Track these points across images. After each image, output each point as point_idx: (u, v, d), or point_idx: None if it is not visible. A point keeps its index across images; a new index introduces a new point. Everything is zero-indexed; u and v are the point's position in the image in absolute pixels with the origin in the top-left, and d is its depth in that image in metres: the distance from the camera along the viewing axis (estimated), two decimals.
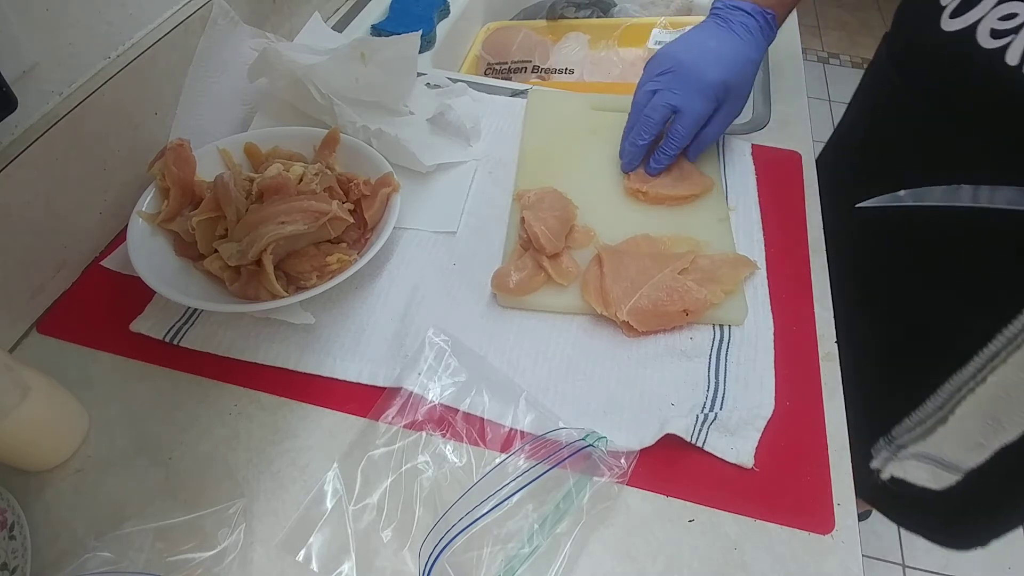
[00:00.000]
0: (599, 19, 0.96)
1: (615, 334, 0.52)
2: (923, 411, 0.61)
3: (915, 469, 0.64)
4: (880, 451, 0.66)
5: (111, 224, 0.58)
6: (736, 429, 0.45)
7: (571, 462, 0.42)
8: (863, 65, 2.48)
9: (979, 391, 0.55)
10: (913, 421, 0.62)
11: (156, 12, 0.59)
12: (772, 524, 0.42)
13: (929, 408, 0.60)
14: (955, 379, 0.57)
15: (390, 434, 0.45)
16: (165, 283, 0.48)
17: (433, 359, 0.48)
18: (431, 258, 0.57)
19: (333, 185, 0.55)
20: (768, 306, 0.53)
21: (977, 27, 0.48)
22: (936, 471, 0.63)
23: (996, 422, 0.56)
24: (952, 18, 0.50)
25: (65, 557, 0.40)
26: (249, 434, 0.46)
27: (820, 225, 0.60)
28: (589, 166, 0.64)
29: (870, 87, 0.69)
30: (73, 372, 0.50)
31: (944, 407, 0.58)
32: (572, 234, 0.57)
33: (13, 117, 0.47)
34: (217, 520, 0.41)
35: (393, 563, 0.40)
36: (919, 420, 0.61)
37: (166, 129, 0.61)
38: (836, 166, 0.73)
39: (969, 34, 0.49)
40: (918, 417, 0.61)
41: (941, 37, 0.51)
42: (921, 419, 0.61)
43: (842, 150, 0.74)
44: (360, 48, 0.61)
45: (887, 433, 0.65)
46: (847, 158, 0.72)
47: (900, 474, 0.65)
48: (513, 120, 0.71)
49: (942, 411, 0.59)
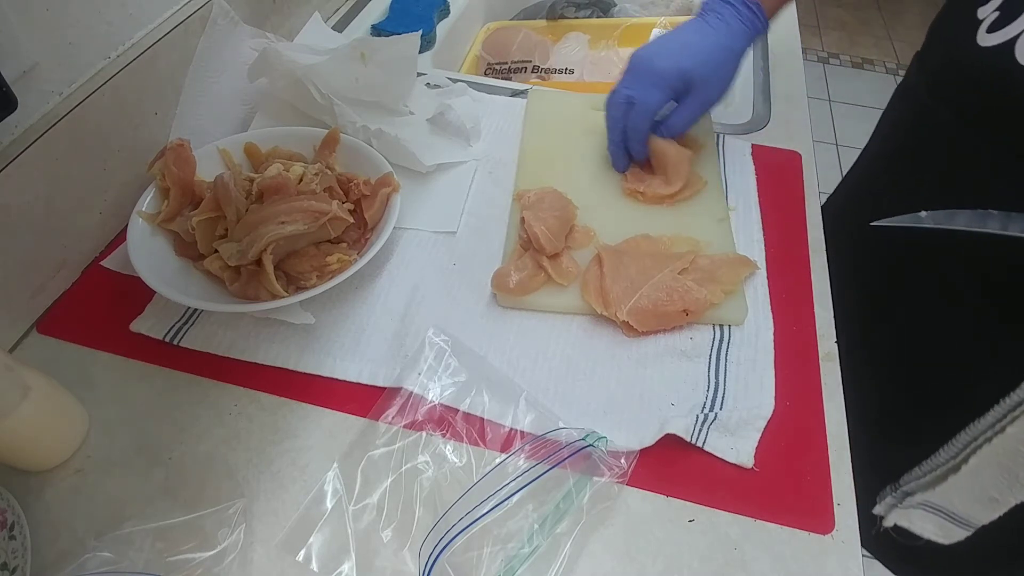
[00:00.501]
0: (599, 19, 0.96)
1: (615, 334, 0.52)
2: (935, 460, 0.57)
3: (921, 520, 0.60)
4: (884, 497, 0.62)
5: (111, 224, 0.58)
6: (736, 429, 0.45)
7: (571, 462, 0.42)
8: (863, 65, 2.49)
9: (996, 441, 0.52)
10: (923, 470, 0.58)
11: (156, 12, 0.59)
12: (772, 524, 0.42)
13: (942, 457, 0.56)
14: (972, 428, 0.53)
15: (390, 434, 0.45)
16: (165, 283, 0.48)
17: (433, 359, 0.48)
18: (431, 258, 0.57)
19: (333, 185, 0.55)
20: (768, 306, 0.53)
21: (1016, 42, 0.46)
22: (945, 524, 0.59)
23: (1013, 476, 0.52)
24: (990, 32, 0.48)
25: (65, 557, 0.40)
26: (249, 434, 0.46)
27: (820, 225, 0.60)
28: (589, 166, 0.64)
29: (898, 107, 0.66)
30: (73, 372, 0.50)
31: (958, 456, 0.55)
32: (572, 234, 0.57)
33: (13, 117, 0.47)
34: (217, 520, 0.41)
35: (393, 563, 0.40)
36: (930, 468, 0.58)
37: (166, 129, 0.61)
38: (858, 188, 0.71)
39: (1007, 49, 0.46)
40: (929, 466, 0.58)
41: (977, 52, 0.49)
42: (932, 467, 0.58)
43: (866, 176, 0.72)
44: (360, 48, 0.61)
45: (895, 480, 0.62)
46: (869, 182, 0.70)
47: (905, 523, 0.61)
48: (513, 120, 0.71)
49: (955, 460, 0.55)
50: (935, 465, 0.57)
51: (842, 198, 0.75)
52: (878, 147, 0.70)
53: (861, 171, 0.73)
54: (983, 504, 0.55)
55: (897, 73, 2.45)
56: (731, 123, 0.71)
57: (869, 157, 0.72)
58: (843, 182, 0.76)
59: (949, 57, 0.55)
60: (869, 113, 2.29)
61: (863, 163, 0.73)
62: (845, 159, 2.11)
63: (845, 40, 2.59)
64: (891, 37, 2.57)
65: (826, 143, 2.16)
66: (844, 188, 0.75)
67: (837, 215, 0.68)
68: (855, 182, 0.73)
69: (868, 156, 0.73)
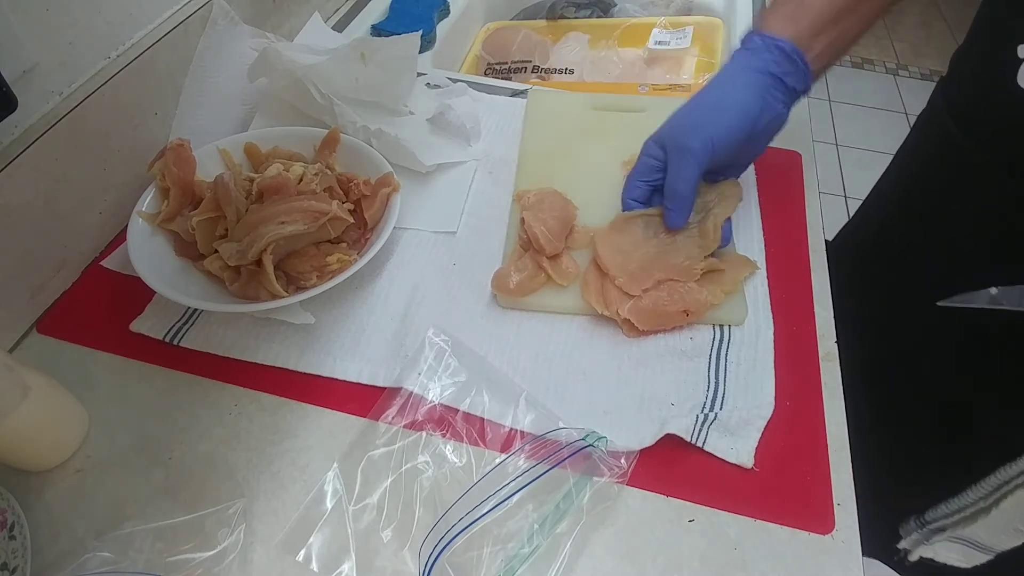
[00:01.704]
0: (599, 19, 0.96)
1: (615, 334, 0.52)
2: (964, 499, 0.56)
3: (946, 551, 0.60)
4: (911, 532, 0.62)
5: (111, 224, 0.58)
6: (736, 429, 0.45)
7: (571, 462, 0.42)
8: (863, 65, 2.49)
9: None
10: (951, 507, 0.58)
11: (156, 12, 0.59)
12: (772, 524, 0.42)
13: (971, 497, 0.56)
14: (1002, 472, 0.52)
15: (390, 434, 0.45)
16: (165, 283, 0.48)
17: (433, 359, 0.48)
18: (431, 258, 0.57)
19: (333, 185, 0.55)
20: (768, 306, 0.53)
21: None
22: (968, 551, 0.59)
23: None
24: None
25: (65, 557, 0.40)
26: (249, 434, 0.46)
27: (820, 225, 0.60)
28: (589, 166, 0.64)
29: (926, 143, 0.61)
30: (73, 372, 0.50)
31: (988, 498, 0.54)
32: (572, 235, 0.57)
33: (13, 117, 0.47)
34: (217, 520, 0.41)
35: (393, 563, 0.40)
36: (958, 507, 0.57)
37: (166, 129, 0.61)
38: (882, 229, 0.67)
39: None
40: (957, 504, 0.57)
41: (1016, 96, 0.44)
42: (961, 506, 0.57)
43: (888, 214, 0.67)
44: (360, 48, 0.61)
45: (919, 514, 0.61)
46: (895, 223, 0.65)
47: (930, 555, 0.61)
48: (513, 120, 0.71)
49: (986, 501, 0.54)
50: (963, 504, 0.56)
51: (860, 233, 0.71)
52: (900, 193, 0.66)
53: (883, 210, 0.69)
54: (1008, 535, 0.55)
55: (897, 73, 2.44)
56: None
57: (886, 202, 0.68)
58: (860, 217, 0.72)
59: (982, 96, 0.51)
60: (869, 113, 2.29)
61: (884, 200, 0.69)
62: (845, 159, 2.11)
63: None
64: (891, 37, 2.57)
65: (826, 143, 2.16)
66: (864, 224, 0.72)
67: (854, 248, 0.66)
68: (879, 226, 0.69)
69: (884, 200, 0.68)
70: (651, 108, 0.70)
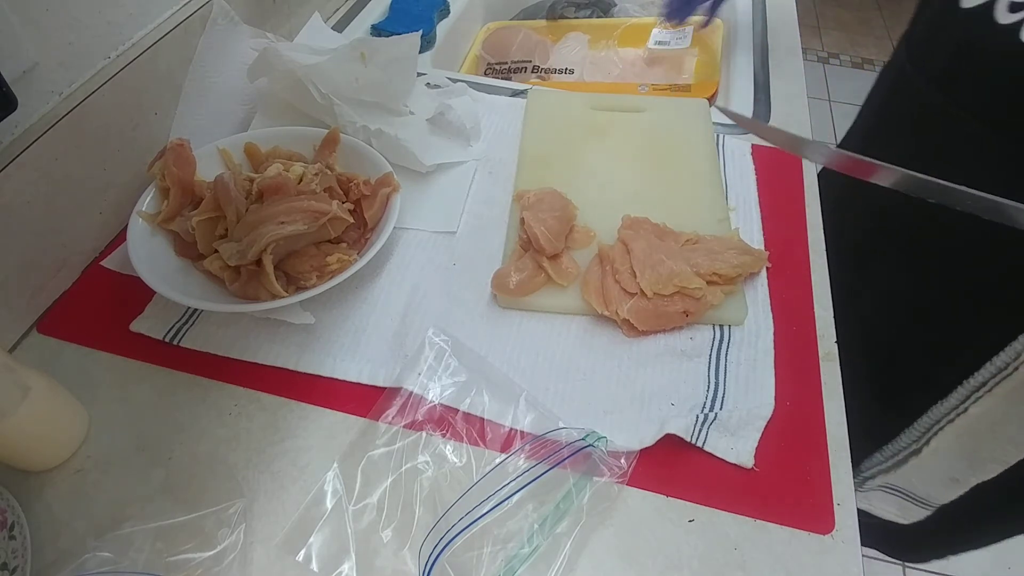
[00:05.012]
0: (599, 19, 0.96)
1: (615, 334, 0.52)
2: (896, 444, 0.56)
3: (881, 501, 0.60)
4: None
5: (111, 224, 0.58)
6: (736, 429, 0.45)
7: (571, 462, 0.42)
8: (863, 65, 2.49)
9: (958, 422, 0.51)
10: (884, 455, 0.58)
11: (156, 12, 0.59)
12: (772, 524, 0.42)
13: (903, 441, 0.56)
14: (935, 410, 0.53)
15: (390, 434, 0.45)
16: (165, 283, 0.48)
17: (433, 359, 0.48)
18: (431, 258, 0.57)
19: (333, 185, 0.55)
20: (768, 306, 0.53)
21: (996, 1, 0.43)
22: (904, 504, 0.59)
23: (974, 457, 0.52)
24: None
25: (65, 557, 0.40)
26: (249, 434, 0.46)
27: (820, 225, 0.60)
28: (589, 166, 0.64)
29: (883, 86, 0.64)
30: (73, 372, 0.50)
31: (919, 439, 0.54)
32: (572, 234, 0.57)
33: (13, 117, 0.47)
34: (217, 520, 0.41)
35: (393, 563, 0.40)
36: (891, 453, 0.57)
37: (166, 129, 0.61)
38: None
39: (987, 10, 0.44)
40: (891, 450, 0.57)
41: (959, 17, 0.46)
42: (893, 452, 0.57)
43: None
44: (360, 48, 0.61)
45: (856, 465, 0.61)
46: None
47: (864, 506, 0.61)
48: (513, 120, 0.71)
49: (916, 443, 0.55)
50: (896, 449, 0.56)
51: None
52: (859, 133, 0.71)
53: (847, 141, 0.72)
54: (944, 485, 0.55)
55: None
56: (731, 123, 0.71)
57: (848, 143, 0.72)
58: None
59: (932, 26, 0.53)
60: None
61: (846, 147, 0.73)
62: None
63: (845, 40, 2.59)
64: (891, 37, 2.56)
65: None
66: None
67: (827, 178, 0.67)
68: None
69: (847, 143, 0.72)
70: (651, 108, 0.70)
